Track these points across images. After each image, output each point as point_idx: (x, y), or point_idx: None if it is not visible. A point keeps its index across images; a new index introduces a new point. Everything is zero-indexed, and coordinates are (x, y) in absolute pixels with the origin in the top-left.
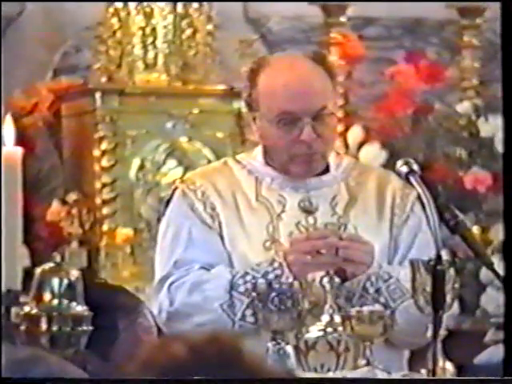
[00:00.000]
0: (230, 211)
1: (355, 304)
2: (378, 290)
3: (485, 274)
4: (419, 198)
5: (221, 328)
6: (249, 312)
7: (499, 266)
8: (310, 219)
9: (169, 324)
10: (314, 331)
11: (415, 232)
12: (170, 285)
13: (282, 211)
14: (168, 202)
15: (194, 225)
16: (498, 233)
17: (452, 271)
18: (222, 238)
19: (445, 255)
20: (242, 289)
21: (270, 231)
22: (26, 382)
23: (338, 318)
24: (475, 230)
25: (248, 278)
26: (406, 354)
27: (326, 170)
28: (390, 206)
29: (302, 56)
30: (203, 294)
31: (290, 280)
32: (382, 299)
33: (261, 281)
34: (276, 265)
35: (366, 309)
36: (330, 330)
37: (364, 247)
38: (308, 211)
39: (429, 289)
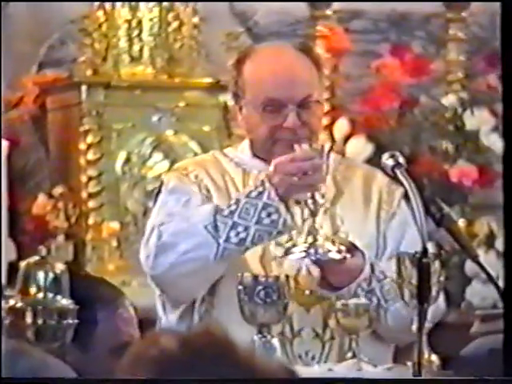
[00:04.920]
0: (223, 195)
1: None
2: (371, 291)
3: (470, 266)
4: (405, 195)
5: (205, 252)
6: (233, 233)
7: (484, 259)
8: (298, 209)
9: (156, 261)
10: (296, 252)
11: (404, 228)
12: (160, 225)
13: None
14: (158, 194)
15: (194, 195)
16: (483, 226)
17: (437, 264)
18: None
19: (430, 248)
20: (226, 212)
21: None
22: (25, 382)
23: (320, 240)
24: (461, 223)
25: (232, 201)
26: (392, 346)
27: None
28: (377, 201)
29: (288, 45)
30: (189, 221)
31: (273, 197)
32: (374, 299)
33: (247, 274)
34: (258, 183)
35: (351, 302)
36: (312, 251)
37: None
38: (295, 201)
39: (414, 282)
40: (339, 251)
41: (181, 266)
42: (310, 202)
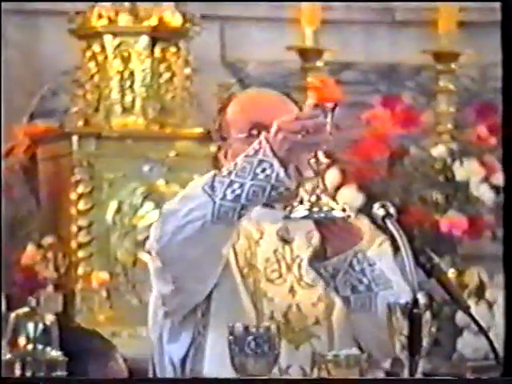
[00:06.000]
0: None
1: (340, 280)
2: (362, 271)
3: (461, 317)
4: (388, 240)
5: (203, 212)
6: (229, 191)
7: (475, 310)
8: (287, 248)
9: (161, 232)
10: (300, 210)
11: (379, 258)
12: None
13: (260, 238)
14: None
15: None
16: (473, 276)
17: (428, 315)
18: None
19: (421, 299)
20: (224, 173)
21: (248, 257)
22: (25, 382)
23: (324, 198)
24: (451, 273)
25: (230, 164)
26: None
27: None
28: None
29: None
30: (190, 187)
31: (268, 153)
32: (365, 280)
33: (237, 324)
34: (256, 143)
35: (342, 353)
36: (315, 209)
37: None
38: (285, 240)
39: (405, 333)
40: (343, 210)
41: (182, 231)
42: (312, 161)
